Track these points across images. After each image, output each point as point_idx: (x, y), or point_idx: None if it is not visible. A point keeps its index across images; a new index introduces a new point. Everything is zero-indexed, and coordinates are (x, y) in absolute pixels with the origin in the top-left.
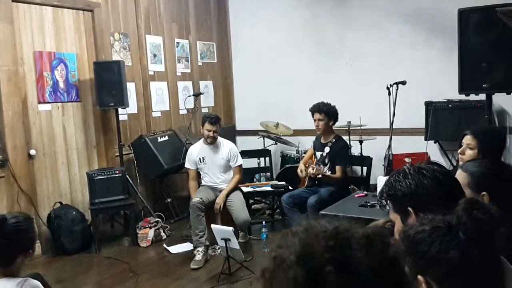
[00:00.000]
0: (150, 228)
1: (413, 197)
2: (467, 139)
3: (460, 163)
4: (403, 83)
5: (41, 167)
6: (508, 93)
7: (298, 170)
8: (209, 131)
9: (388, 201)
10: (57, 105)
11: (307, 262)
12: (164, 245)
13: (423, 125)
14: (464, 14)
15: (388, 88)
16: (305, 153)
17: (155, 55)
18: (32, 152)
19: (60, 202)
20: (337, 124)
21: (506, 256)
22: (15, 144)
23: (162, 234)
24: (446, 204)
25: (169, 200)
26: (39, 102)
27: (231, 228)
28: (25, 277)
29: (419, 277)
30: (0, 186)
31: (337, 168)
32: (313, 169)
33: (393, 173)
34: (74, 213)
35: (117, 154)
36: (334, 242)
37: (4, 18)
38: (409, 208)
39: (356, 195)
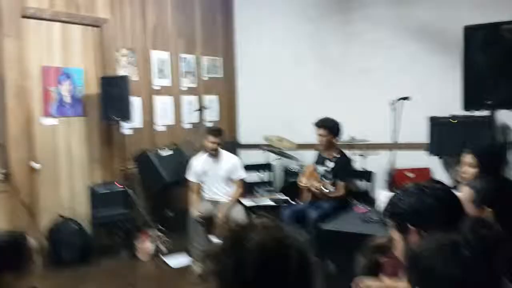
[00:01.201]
0: (150, 241)
1: (414, 215)
2: (468, 158)
3: (464, 183)
4: (407, 98)
5: (44, 180)
6: None
7: (298, 181)
8: (212, 143)
9: (390, 220)
10: (62, 120)
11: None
12: (164, 259)
13: (426, 140)
14: (469, 31)
15: (392, 104)
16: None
17: (161, 70)
18: (35, 165)
19: (62, 215)
20: (340, 139)
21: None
22: (18, 157)
23: (162, 247)
24: (447, 222)
25: (170, 213)
26: (45, 116)
27: None
28: None
29: None
30: (3, 199)
31: (341, 184)
32: (317, 183)
33: (395, 191)
34: (74, 226)
35: (121, 168)
36: (239, 229)
37: (13, 34)
38: (411, 226)
39: (357, 210)
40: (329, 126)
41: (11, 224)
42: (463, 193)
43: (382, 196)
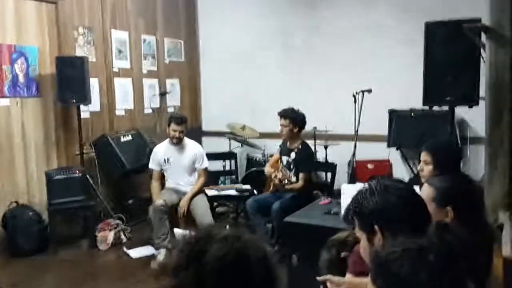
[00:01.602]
0: (110, 230)
1: (379, 214)
2: (423, 156)
3: (423, 180)
4: (369, 91)
5: None
6: (470, 107)
7: (265, 170)
8: (175, 131)
9: (354, 218)
10: (16, 100)
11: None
12: (124, 249)
13: (386, 133)
14: (431, 28)
15: (354, 96)
16: (271, 156)
17: (120, 51)
18: None
19: (16, 202)
20: (303, 130)
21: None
22: None
23: (122, 237)
24: (411, 222)
25: (130, 201)
26: None
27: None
28: None
29: None
30: None
31: (301, 175)
32: (280, 174)
33: (360, 190)
34: (30, 213)
35: (78, 153)
36: (195, 241)
37: None
38: (375, 226)
39: (320, 202)
40: (292, 117)
41: None
42: (424, 192)
43: (346, 191)
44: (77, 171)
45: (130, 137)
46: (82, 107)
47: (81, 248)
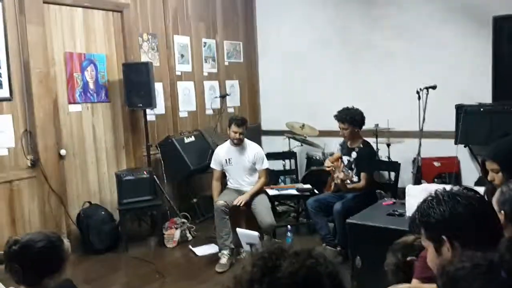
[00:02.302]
0: (176, 228)
1: (447, 225)
2: (488, 165)
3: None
4: (434, 87)
5: (71, 167)
6: None
7: (325, 163)
8: (235, 133)
9: (421, 228)
10: (87, 106)
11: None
12: (190, 247)
13: (453, 129)
14: (499, 22)
15: (418, 92)
16: (331, 155)
17: (182, 55)
18: (63, 152)
19: (89, 202)
20: (364, 127)
21: None
22: (46, 144)
23: (188, 235)
24: (481, 233)
25: (194, 200)
26: (70, 103)
27: (256, 233)
28: (56, 286)
29: None
30: (32, 186)
31: (363, 175)
32: (341, 174)
33: (425, 198)
34: (102, 212)
35: (145, 154)
36: (268, 256)
37: (35, 20)
38: (443, 237)
39: (383, 203)
40: (349, 120)
41: (41, 209)
42: (495, 200)
43: (411, 192)
44: (145, 172)
45: (193, 138)
46: (148, 110)
47: (150, 246)
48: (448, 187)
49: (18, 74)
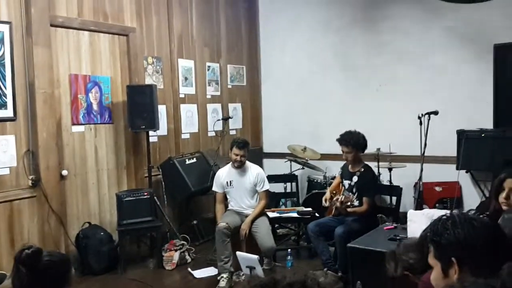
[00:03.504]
0: (176, 251)
1: (459, 248)
2: (509, 183)
3: (504, 207)
4: (435, 113)
5: (72, 187)
6: None
7: (323, 199)
8: (237, 155)
9: (430, 246)
10: (90, 127)
11: None
12: (189, 269)
13: (454, 154)
14: (500, 49)
15: (419, 118)
16: (332, 179)
17: (186, 78)
18: (64, 172)
19: (89, 222)
20: (366, 151)
21: None
22: (47, 164)
23: (187, 257)
24: (493, 260)
25: (194, 222)
26: (73, 124)
27: (256, 257)
28: None
29: None
30: (32, 206)
31: (364, 199)
32: (342, 197)
33: (440, 217)
34: (102, 233)
35: (146, 175)
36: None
37: (42, 42)
38: (453, 259)
39: (385, 227)
40: (353, 144)
41: (40, 229)
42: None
43: (413, 218)
44: (145, 193)
45: (194, 160)
46: (150, 132)
47: (149, 268)
48: (456, 211)
49: (23, 94)
